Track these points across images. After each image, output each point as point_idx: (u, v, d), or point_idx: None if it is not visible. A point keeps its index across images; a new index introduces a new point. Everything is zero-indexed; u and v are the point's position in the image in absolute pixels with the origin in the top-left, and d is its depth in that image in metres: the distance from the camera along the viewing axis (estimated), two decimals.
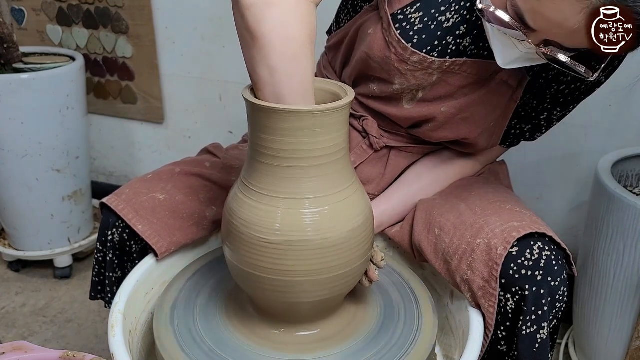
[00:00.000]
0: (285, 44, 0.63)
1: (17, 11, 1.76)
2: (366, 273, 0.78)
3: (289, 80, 0.65)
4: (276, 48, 0.63)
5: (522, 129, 0.92)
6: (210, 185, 0.91)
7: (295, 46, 0.64)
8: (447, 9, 0.81)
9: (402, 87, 0.85)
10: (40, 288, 1.61)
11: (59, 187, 1.55)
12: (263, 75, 0.65)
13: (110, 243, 0.87)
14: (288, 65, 0.64)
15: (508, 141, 0.94)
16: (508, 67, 0.74)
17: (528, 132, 0.92)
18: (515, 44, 0.70)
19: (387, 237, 0.95)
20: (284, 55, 0.64)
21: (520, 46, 0.70)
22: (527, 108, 0.88)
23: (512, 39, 0.70)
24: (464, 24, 0.81)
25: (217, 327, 0.76)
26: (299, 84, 0.65)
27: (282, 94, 0.65)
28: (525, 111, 0.89)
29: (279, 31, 0.63)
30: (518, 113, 0.89)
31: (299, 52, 0.65)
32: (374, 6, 0.86)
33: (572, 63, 0.68)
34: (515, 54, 0.71)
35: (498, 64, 0.74)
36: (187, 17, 1.58)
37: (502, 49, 0.73)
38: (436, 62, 0.81)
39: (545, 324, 0.73)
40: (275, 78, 0.64)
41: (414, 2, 0.81)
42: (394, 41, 0.81)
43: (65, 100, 1.46)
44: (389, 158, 0.96)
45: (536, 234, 0.75)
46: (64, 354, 0.65)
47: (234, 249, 0.70)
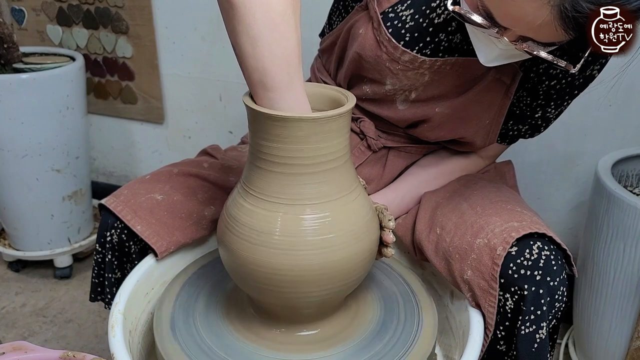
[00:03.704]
0: (266, 12, 0.61)
1: (17, 11, 1.76)
2: (381, 242, 0.75)
3: (271, 51, 0.62)
4: (257, 17, 0.61)
5: (519, 130, 0.92)
6: (208, 185, 0.91)
7: (277, 15, 0.62)
8: (438, 5, 0.81)
9: (394, 88, 0.85)
10: (40, 288, 1.61)
11: (59, 187, 1.55)
12: (245, 47, 0.63)
13: (109, 244, 0.87)
14: (269, 34, 0.62)
15: (507, 140, 0.94)
16: (490, 64, 0.74)
17: (527, 133, 0.93)
18: (494, 41, 0.70)
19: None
20: (266, 24, 0.62)
21: (499, 43, 0.69)
22: (521, 105, 0.88)
23: (490, 37, 0.70)
24: (455, 20, 0.81)
25: (217, 327, 0.75)
26: (282, 55, 0.63)
27: (264, 66, 0.63)
28: (520, 109, 0.89)
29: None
30: (513, 112, 0.89)
31: (281, 21, 0.62)
32: (364, 5, 0.85)
33: (551, 58, 0.68)
34: (495, 52, 0.71)
35: (481, 62, 0.74)
36: (187, 17, 1.58)
37: (482, 48, 0.73)
38: (427, 62, 0.81)
39: (544, 323, 0.73)
40: (257, 49, 0.62)
41: (404, 0, 0.81)
42: (385, 40, 0.81)
43: (65, 100, 1.46)
44: (388, 158, 0.96)
45: (536, 234, 0.75)
46: (64, 354, 0.65)
47: (231, 252, 0.69)
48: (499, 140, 0.94)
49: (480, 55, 0.74)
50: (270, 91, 0.64)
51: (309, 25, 1.10)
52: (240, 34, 0.63)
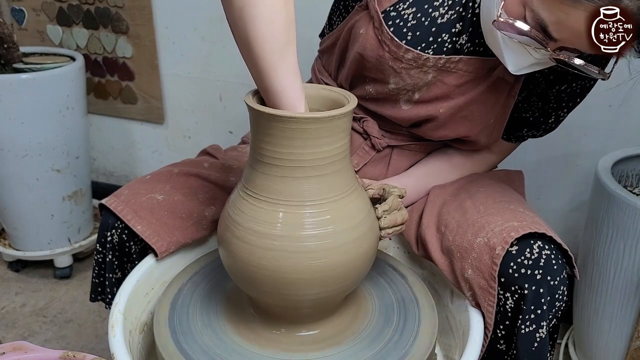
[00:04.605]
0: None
1: (17, 11, 1.76)
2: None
3: (255, 20, 0.62)
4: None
5: (533, 135, 0.94)
6: (209, 185, 0.91)
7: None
8: (441, 4, 0.81)
9: (397, 87, 0.85)
10: (40, 288, 1.61)
11: (59, 187, 1.55)
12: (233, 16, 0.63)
13: (109, 244, 0.87)
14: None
15: (519, 141, 0.96)
16: (520, 72, 0.75)
17: (540, 135, 0.94)
18: (530, 51, 0.71)
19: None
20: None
21: (535, 53, 0.70)
22: (534, 111, 0.89)
23: (525, 46, 0.70)
24: (460, 22, 0.81)
25: (217, 327, 0.75)
26: (267, 24, 0.62)
27: (249, 35, 0.62)
28: (534, 116, 0.89)
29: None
30: (526, 119, 0.90)
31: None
32: (364, 5, 0.85)
33: (586, 66, 0.69)
34: (528, 61, 0.72)
35: (510, 70, 0.74)
36: (187, 17, 1.58)
37: (514, 57, 0.73)
38: (431, 60, 0.81)
39: (544, 323, 0.73)
40: (243, 18, 0.62)
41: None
42: (387, 39, 0.81)
43: (65, 100, 1.46)
44: (391, 157, 0.96)
45: (536, 234, 0.75)
46: (64, 354, 0.65)
47: (231, 253, 0.69)
48: (512, 140, 0.95)
49: (509, 63, 0.74)
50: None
51: (309, 25, 1.10)
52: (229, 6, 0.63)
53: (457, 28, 0.81)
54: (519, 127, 0.92)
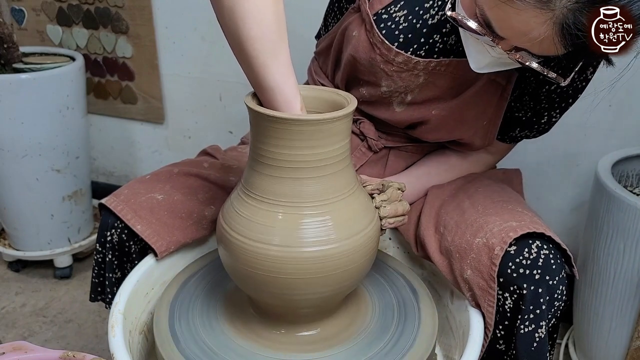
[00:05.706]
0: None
1: (17, 11, 1.76)
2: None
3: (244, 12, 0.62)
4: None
5: (527, 135, 0.93)
6: (208, 185, 0.91)
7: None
8: (431, 5, 0.81)
9: (389, 90, 0.85)
10: (40, 288, 1.61)
11: (59, 187, 1.55)
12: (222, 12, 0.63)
13: (109, 244, 0.87)
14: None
15: (514, 142, 0.95)
16: (481, 71, 0.74)
17: (534, 136, 0.94)
18: (487, 49, 0.70)
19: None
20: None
21: (492, 51, 0.70)
22: (526, 111, 0.88)
23: (484, 44, 0.70)
24: (449, 22, 0.81)
25: (217, 327, 0.76)
26: (255, 13, 0.62)
27: (240, 35, 0.63)
28: (526, 116, 0.89)
29: None
30: (519, 119, 0.89)
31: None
32: (357, 7, 0.85)
33: (542, 69, 0.68)
34: (487, 59, 0.71)
35: (472, 68, 0.74)
36: (187, 17, 1.58)
37: (474, 54, 0.73)
38: (421, 63, 0.81)
39: (543, 322, 0.73)
40: (235, 13, 0.62)
41: (398, 0, 0.81)
42: (378, 42, 0.81)
43: (65, 100, 1.46)
44: (388, 159, 0.96)
45: (534, 234, 0.75)
46: (64, 354, 0.65)
47: (231, 253, 0.69)
48: (507, 140, 0.95)
49: (471, 61, 0.74)
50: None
51: (308, 25, 1.10)
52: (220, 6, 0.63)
53: (447, 28, 0.81)
54: (512, 127, 0.92)
